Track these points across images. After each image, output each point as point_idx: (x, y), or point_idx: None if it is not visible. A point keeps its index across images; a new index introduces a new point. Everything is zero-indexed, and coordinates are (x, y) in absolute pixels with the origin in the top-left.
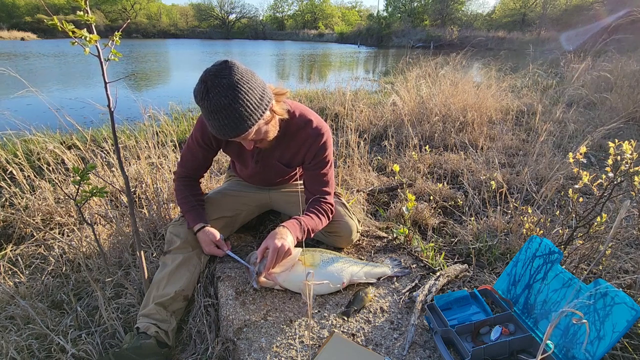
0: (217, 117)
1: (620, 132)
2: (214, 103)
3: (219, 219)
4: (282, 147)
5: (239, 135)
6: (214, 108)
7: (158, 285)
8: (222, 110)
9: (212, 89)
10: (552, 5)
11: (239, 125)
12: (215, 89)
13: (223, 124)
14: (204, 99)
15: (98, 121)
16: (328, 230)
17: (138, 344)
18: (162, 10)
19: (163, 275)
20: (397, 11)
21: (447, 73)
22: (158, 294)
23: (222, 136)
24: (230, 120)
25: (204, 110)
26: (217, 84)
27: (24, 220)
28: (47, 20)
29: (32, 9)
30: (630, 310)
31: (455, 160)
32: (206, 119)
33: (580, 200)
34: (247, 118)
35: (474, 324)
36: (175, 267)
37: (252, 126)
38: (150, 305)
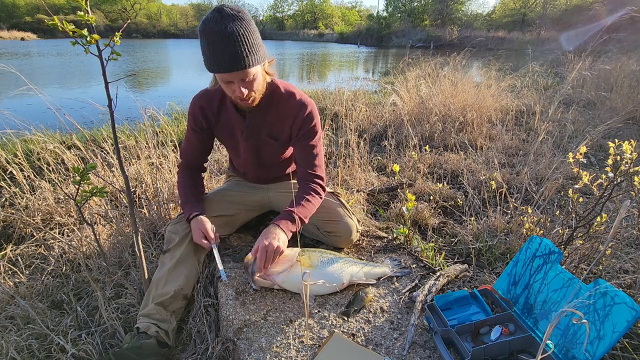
0: (226, 44)
1: (620, 132)
2: (227, 29)
3: (218, 217)
4: (268, 120)
5: (243, 68)
6: (225, 34)
7: (157, 284)
8: (232, 37)
9: (227, 17)
10: (552, 5)
11: (246, 58)
12: (229, 18)
13: (231, 53)
14: (217, 24)
15: (98, 121)
16: (327, 230)
17: (138, 344)
18: (162, 10)
19: (162, 274)
20: (397, 11)
21: (447, 73)
22: (157, 293)
23: (225, 67)
24: (239, 49)
25: (213, 37)
26: (232, 15)
27: (24, 220)
28: (48, 20)
29: (32, 9)
30: (630, 310)
31: (455, 160)
32: (213, 47)
33: (580, 200)
34: (253, 52)
35: (474, 324)
36: (173, 265)
37: (254, 65)
38: (150, 305)
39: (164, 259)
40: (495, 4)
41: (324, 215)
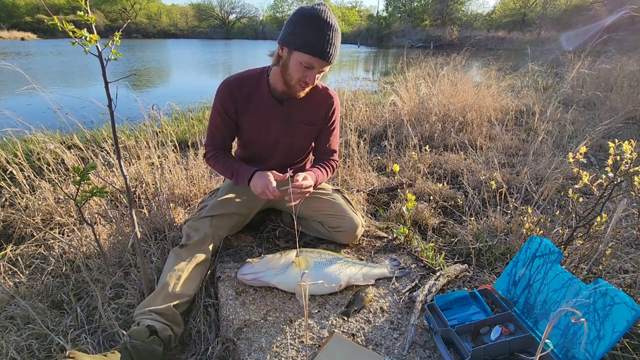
0: (332, 36)
1: (620, 132)
2: (335, 23)
3: (232, 215)
4: (305, 108)
5: (331, 61)
6: (334, 27)
7: (173, 280)
8: (337, 32)
9: (330, 13)
10: (552, 5)
11: (336, 54)
12: (331, 14)
13: (333, 44)
14: (327, 16)
15: (98, 121)
16: (332, 225)
17: (151, 348)
18: (162, 10)
19: (179, 272)
20: (397, 11)
21: (447, 73)
22: (174, 293)
23: (324, 55)
24: (335, 41)
25: (324, 25)
26: (332, 15)
27: (24, 220)
28: (48, 20)
29: (32, 9)
30: (630, 310)
31: (455, 160)
32: (320, 32)
33: (580, 200)
34: (338, 49)
35: (474, 324)
36: (193, 266)
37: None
38: (165, 305)
39: (180, 253)
40: (495, 4)
41: (329, 210)
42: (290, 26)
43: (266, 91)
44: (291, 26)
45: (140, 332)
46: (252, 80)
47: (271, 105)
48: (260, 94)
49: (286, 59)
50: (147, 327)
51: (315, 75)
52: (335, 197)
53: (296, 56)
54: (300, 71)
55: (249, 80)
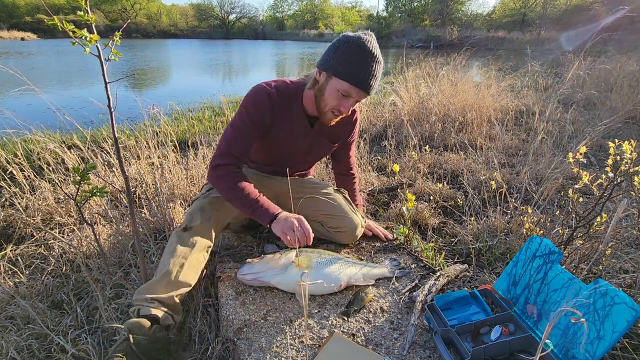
0: (376, 68)
1: (620, 132)
2: (380, 56)
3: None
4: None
5: (372, 89)
6: (380, 60)
7: (175, 269)
8: (381, 65)
9: (375, 44)
10: (552, 5)
11: (377, 83)
12: (377, 45)
13: (376, 77)
14: (374, 47)
15: (98, 121)
16: (332, 226)
17: (155, 338)
18: (162, 10)
19: (182, 259)
20: (397, 11)
21: (447, 73)
22: (175, 282)
23: (366, 86)
24: (378, 73)
25: (370, 56)
26: (377, 45)
27: (24, 220)
28: (48, 20)
29: (32, 9)
30: (630, 310)
31: (455, 160)
32: (365, 63)
33: (580, 200)
34: (378, 81)
35: (474, 324)
36: (196, 252)
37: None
38: (167, 295)
39: (183, 237)
40: (495, 4)
41: (330, 211)
42: (333, 52)
43: (300, 110)
44: (334, 52)
45: (141, 324)
46: (288, 95)
47: (303, 125)
48: (295, 111)
49: (323, 83)
50: (148, 317)
51: (349, 105)
52: (336, 197)
53: (334, 82)
54: (337, 99)
55: (287, 95)
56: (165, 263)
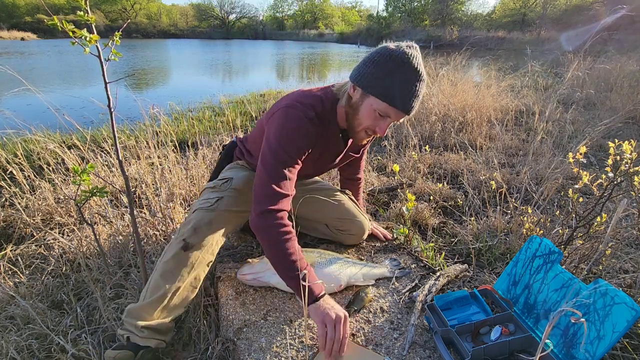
0: (416, 83)
1: (620, 132)
2: (422, 69)
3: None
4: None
5: (414, 110)
6: (424, 81)
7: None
8: (422, 80)
9: (420, 59)
10: (552, 5)
11: (419, 103)
12: (422, 61)
13: (418, 99)
14: (419, 65)
15: (98, 121)
16: (341, 228)
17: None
18: (162, 10)
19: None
20: (397, 11)
21: (447, 73)
22: (170, 307)
23: (408, 108)
24: (421, 93)
25: (416, 78)
26: (422, 61)
27: (24, 220)
28: (47, 20)
29: (32, 9)
30: (630, 310)
31: (455, 160)
32: (410, 85)
33: (580, 200)
34: (421, 100)
35: (474, 324)
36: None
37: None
38: (159, 322)
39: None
40: (495, 4)
41: (338, 214)
42: (371, 66)
43: (336, 132)
44: (372, 66)
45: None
46: (327, 117)
47: (338, 144)
48: (332, 131)
49: (358, 101)
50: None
51: (386, 126)
52: (343, 199)
53: (371, 101)
54: (372, 119)
55: (326, 118)
56: (159, 285)
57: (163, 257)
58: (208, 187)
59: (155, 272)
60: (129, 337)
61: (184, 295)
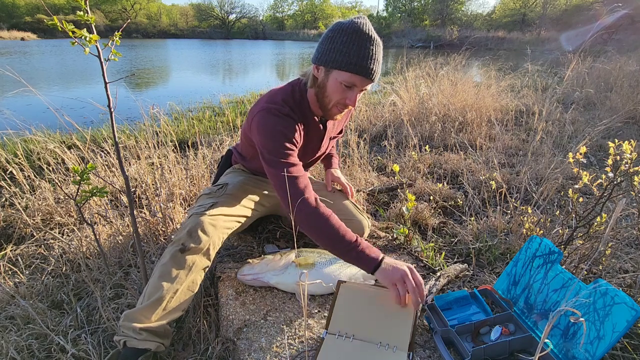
0: (375, 52)
1: (620, 132)
2: (377, 38)
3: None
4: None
5: (376, 74)
6: (377, 42)
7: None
8: (380, 47)
9: (370, 26)
10: (552, 5)
11: (379, 66)
12: (372, 27)
13: (377, 60)
14: (369, 30)
15: (98, 121)
16: None
17: None
18: (162, 10)
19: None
20: (397, 11)
21: (447, 73)
22: (169, 310)
23: (368, 72)
24: (378, 56)
25: (366, 40)
26: (372, 28)
27: (24, 220)
28: (47, 20)
29: (32, 9)
30: (630, 310)
31: (455, 160)
32: (362, 48)
33: (580, 200)
34: (381, 64)
35: (474, 324)
36: (193, 276)
37: (378, 76)
38: (159, 324)
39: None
40: (495, 4)
41: (337, 214)
42: (327, 43)
43: (312, 115)
44: (328, 43)
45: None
46: (299, 105)
47: (317, 130)
48: (309, 118)
49: (323, 79)
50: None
51: (356, 96)
52: (341, 199)
53: (335, 75)
54: (340, 91)
55: (298, 106)
56: (157, 287)
57: (160, 261)
58: (204, 194)
59: (153, 275)
60: (125, 342)
61: (182, 298)
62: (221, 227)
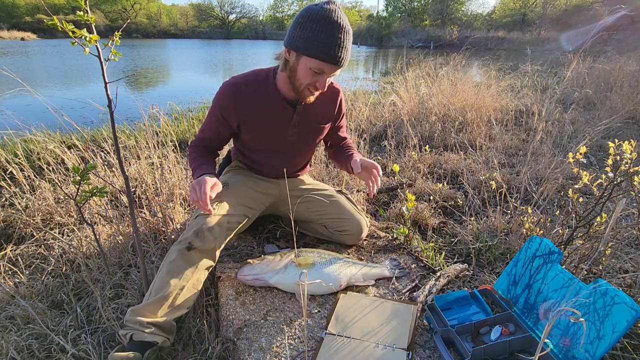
0: (344, 39)
1: (620, 132)
2: (347, 25)
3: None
4: (315, 109)
5: (342, 65)
6: (346, 29)
7: (175, 292)
8: (349, 34)
9: (343, 14)
10: (552, 5)
11: (347, 57)
12: (344, 16)
13: (345, 47)
14: (338, 17)
15: (98, 121)
16: (338, 229)
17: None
18: (162, 10)
19: (183, 282)
20: (397, 11)
21: (447, 73)
22: (175, 306)
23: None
24: (347, 43)
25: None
26: (342, 14)
27: (24, 220)
28: (47, 20)
29: (32, 9)
30: (630, 310)
31: (455, 160)
32: (330, 36)
33: (580, 200)
34: (350, 51)
35: (474, 324)
36: (199, 274)
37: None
38: (166, 319)
39: (187, 257)
40: (495, 4)
41: (335, 214)
42: (298, 28)
43: (275, 95)
44: (298, 28)
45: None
46: (258, 84)
47: (283, 110)
48: (269, 98)
49: (294, 63)
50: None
51: (325, 81)
52: (340, 199)
53: (305, 61)
54: (310, 76)
55: (256, 84)
56: (164, 283)
57: (167, 258)
58: None
59: (160, 272)
60: (132, 335)
61: (187, 295)
62: (225, 227)
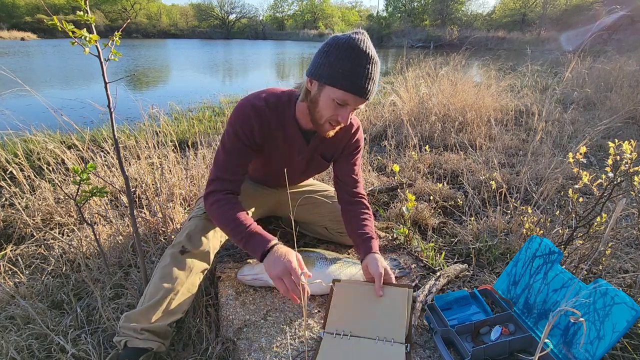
0: (372, 70)
1: (620, 132)
2: (375, 56)
3: None
4: (327, 142)
5: (371, 94)
6: (375, 61)
7: (169, 297)
8: (377, 66)
9: (369, 42)
10: (552, 5)
11: (375, 86)
12: (370, 44)
13: (373, 80)
14: (368, 47)
15: (98, 121)
16: (338, 230)
17: None
18: (162, 10)
19: (177, 286)
20: (397, 11)
21: (446, 73)
22: (169, 311)
23: (363, 92)
24: (375, 75)
25: (364, 58)
26: (371, 45)
27: (24, 220)
28: (47, 20)
29: (32, 9)
30: (630, 310)
31: (455, 160)
32: (359, 67)
33: (580, 200)
34: (377, 84)
35: (474, 324)
36: (193, 278)
37: (373, 96)
38: (160, 324)
39: (181, 261)
40: (495, 4)
41: (336, 215)
42: (322, 57)
43: (294, 125)
44: (323, 57)
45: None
46: (280, 108)
47: (297, 141)
48: (289, 126)
49: (316, 94)
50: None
51: (348, 114)
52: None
53: (328, 91)
54: (332, 108)
55: (278, 108)
56: (158, 288)
57: (161, 263)
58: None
59: (153, 276)
60: (126, 342)
61: (182, 300)
62: (220, 230)
